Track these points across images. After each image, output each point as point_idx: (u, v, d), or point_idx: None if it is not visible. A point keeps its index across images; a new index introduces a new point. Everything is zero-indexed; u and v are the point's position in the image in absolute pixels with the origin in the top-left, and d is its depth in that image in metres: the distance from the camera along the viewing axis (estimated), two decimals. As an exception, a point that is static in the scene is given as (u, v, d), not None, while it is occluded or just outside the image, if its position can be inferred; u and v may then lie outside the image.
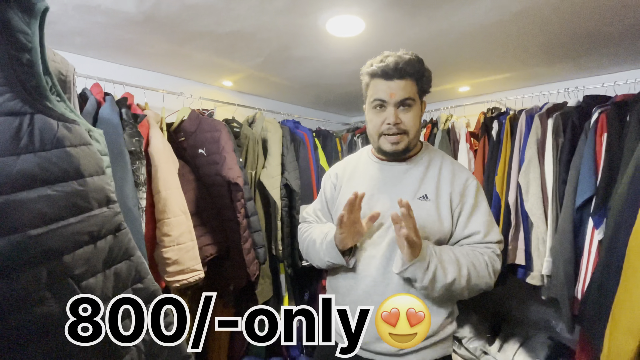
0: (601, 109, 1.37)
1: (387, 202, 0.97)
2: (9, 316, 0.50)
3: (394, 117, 0.91)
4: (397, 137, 0.93)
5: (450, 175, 0.96)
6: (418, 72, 0.92)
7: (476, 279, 0.87)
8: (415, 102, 0.93)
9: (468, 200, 0.94)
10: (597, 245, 1.26)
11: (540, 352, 1.81)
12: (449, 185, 0.94)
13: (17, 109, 0.53)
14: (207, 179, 1.64)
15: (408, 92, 0.91)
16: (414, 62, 0.90)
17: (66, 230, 0.55)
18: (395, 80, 0.90)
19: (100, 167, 0.62)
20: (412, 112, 0.93)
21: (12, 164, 0.51)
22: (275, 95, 2.49)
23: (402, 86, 0.90)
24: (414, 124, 0.93)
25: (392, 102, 0.91)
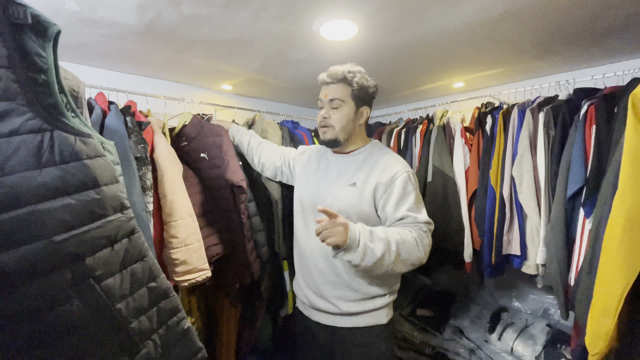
0: (590, 102, 1.41)
1: (327, 186, 1.26)
2: (39, 315, 0.56)
3: (325, 112, 1.23)
4: (325, 128, 1.24)
5: (381, 170, 1.17)
6: (351, 80, 1.18)
7: (406, 253, 1.03)
8: (345, 103, 1.20)
9: (395, 191, 1.14)
10: (588, 234, 1.30)
11: (539, 340, 1.86)
12: (377, 178, 1.16)
13: (38, 127, 0.58)
14: (210, 182, 1.70)
15: (338, 94, 1.19)
16: (345, 73, 1.18)
17: (86, 235, 0.60)
18: (329, 85, 1.22)
19: (114, 176, 0.67)
20: (342, 111, 1.20)
21: (36, 176, 0.56)
22: (273, 97, 2.54)
23: (333, 89, 1.20)
24: (340, 120, 1.20)
25: (325, 101, 1.22)
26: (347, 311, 1.20)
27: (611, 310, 0.67)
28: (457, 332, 2.09)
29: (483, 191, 1.70)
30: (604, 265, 0.73)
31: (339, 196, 1.20)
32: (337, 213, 1.01)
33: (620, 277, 0.66)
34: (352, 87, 1.19)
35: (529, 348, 1.82)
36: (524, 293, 2.15)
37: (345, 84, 1.19)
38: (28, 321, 0.55)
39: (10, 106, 0.55)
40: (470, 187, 1.79)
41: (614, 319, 0.67)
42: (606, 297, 0.69)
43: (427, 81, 2.15)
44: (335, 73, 1.19)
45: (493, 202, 1.64)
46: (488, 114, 1.79)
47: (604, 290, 0.71)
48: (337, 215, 0.99)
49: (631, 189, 0.64)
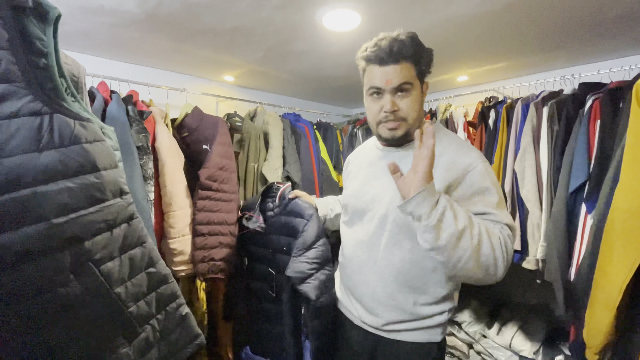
0: (595, 96, 1.39)
1: (378, 189, 0.96)
2: (38, 296, 0.57)
3: (391, 104, 0.87)
4: (395, 123, 0.90)
5: (449, 164, 0.87)
6: (415, 53, 0.87)
7: (488, 247, 0.72)
8: (413, 87, 0.88)
9: (474, 185, 0.84)
10: (589, 230, 1.29)
11: (538, 335, 1.86)
12: (445, 174, 0.86)
13: (38, 110, 0.58)
14: None
15: (405, 76, 0.86)
16: (409, 44, 0.85)
17: (85, 219, 0.61)
18: (391, 65, 0.86)
19: (114, 161, 0.68)
20: (411, 97, 0.88)
21: (35, 159, 0.56)
22: (275, 89, 2.53)
23: (398, 71, 0.86)
24: (413, 109, 0.89)
25: (389, 89, 0.87)
26: (397, 329, 0.95)
27: (610, 303, 0.67)
28: (455, 326, 2.10)
29: (484, 186, 1.69)
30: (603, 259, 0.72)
31: (397, 198, 0.82)
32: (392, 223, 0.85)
33: (619, 270, 0.65)
34: (419, 64, 0.89)
35: (528, 343, 1.82)
36: (524, 288, 2.15)
37: (409, 61, 0.87)
38: (28, 301, 0.55)
39: (10, 89, 0.55)
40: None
41: (613, 311, 0.67)
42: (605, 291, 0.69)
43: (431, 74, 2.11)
44: (394, 46, 0.85)
45: (494, 197, 1.63)
46: (491, 108, 1.77)
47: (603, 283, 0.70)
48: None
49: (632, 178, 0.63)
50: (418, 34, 0.92)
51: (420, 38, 0.92)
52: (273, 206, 1.38)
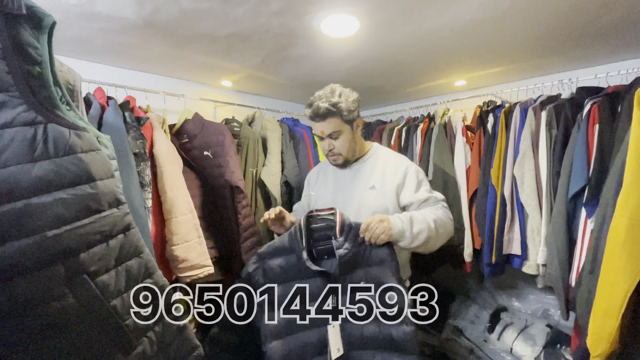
0: (593, 101, 1.39)
1: (346, 196, 1.30)
2: (32, 311, 0.55)
3: (327, 145, 1.25)
4: (334, 157, 1.28)
5: (393, 169, 1.27)
6: (336, 111, 1.19)
7: (442, 227, 1.13)
8: (342, 131, 1.23)
9: (412, 181, 1.24)
10: (590, 234, 1.29)
11: (539, 340, 1.85)
12: (392, 177, 1.25)
13: (32, 119, 0.57)
14: (212, 180, 1.70)
15: (332, 127, 1.21)
16: (329, 107, 1.17)
17: (81, 230, 0.59)
18: (319, 122, 1.21)
19: (110, 170, 0.66)
20: (341, 139, 1.24)
21: (29, 170, 0.55)
22: (274, 94, 2.52)
23: (326, 125, 1.21)
24: (344, 146, 1.25)
25: (324, 136, 1.24)
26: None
27: (614, 311, 0.66)
28: (456, 331, 2.08)
29: (484, 190, 1.69)
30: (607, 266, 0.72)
31: (364, 201, 1.25)
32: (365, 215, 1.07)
33: (624, 278, 0.65)
34: (341, 116, 1.21)
35: (529, 348, 1.81)
36: (524, 293, 2.14)
37: (333, 116, 1.20)
38: (21, 316, 0.54)
39: (3, 98, 0.54)
40: (471, 186, 1.77)
41: (617, 320, 0.66)
42: (609, 298, 0.68)
43: (429, 79, 2.13)
44: (320, 110, 1.18)
45: (494, 201, 1.63)
46: (490, 113, 1.77)
47: (607, 291, 0.70)
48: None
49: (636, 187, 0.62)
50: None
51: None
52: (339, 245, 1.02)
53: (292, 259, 1.03)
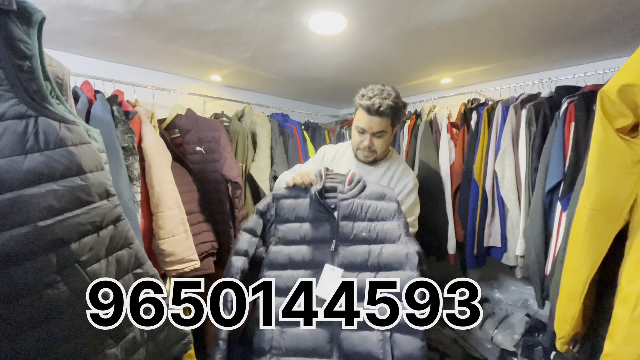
0: (570, 99, 1.45)
1: None
2: (24, 298, 0.57)
3: (369, 142, 1.26)
4: (369, 153, 1.30)
5: (397, 180, 1.35)
6: (393, 114, 1.22)
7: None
8: (387, 133, 1.27)
9: (401, 195, 1.31)
10: (565, 227, 1.36)
11: (518, 328, 1.93)
12: (394, 186, 1.32)
13: (23, 113, 0.58)
14: (204, 175, 1.72)
15: (382, 126, 1.23)
16: (391, 107, 1.19)
17: (72, 221, 0.61)
18: (375, 117, 1.20)
19: (100, 163, 0.68)
20: (383, 139, 1.27)
21: (20, 162, 0.57)
22: (263, 89, 2.54)
23: (378, 122, 1.22)
24: (383, 146, 1.29)
25: (369, 132, 1.24)
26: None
27: (576, 295, 0.72)
28: (440, 322, 2.15)
29: (467, 185, 1.75)
30: (570, 254, 0.77)
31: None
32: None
33: (584, 264, 0.70)
34: (394, 119, 1.25)
35: (508, 337, 1.89)
36: (505, 284, 2.23)
37: (389, 117, 1.22)
38: (15, 303, 0.55)
39: (-6, 92, 0.55)
40: (455, 181, 1.83)
41: (578, 303, 0.72)
42: (572, 284, 0.73)
43: (416, 76, 2.18)
44: (382, 107, 1.18)
45: (476, 196, 1.69)
46: (473, 110, 1.82)
47: (570, 277, 0.75)
48: None
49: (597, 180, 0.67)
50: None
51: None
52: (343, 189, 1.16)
53: (304, 201, 1.16)
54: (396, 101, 1.21)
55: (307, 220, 1.14)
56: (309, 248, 1.12)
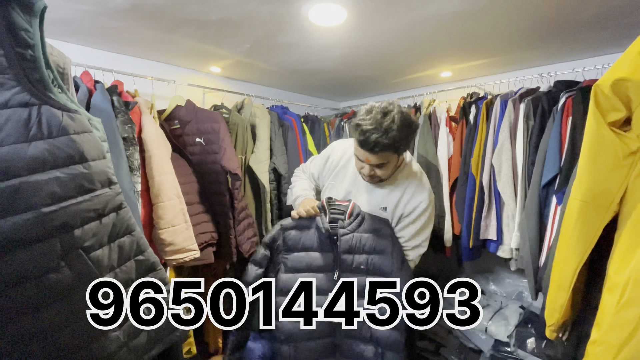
0: (568, 94, 1.46)
1: (358, 202, 1.26)
2: (31, 281, 0.59)
3: (368, 171, 1.13)
4: (371, 179, 1.18)
5: (409, 198, 1.22)
6: (395, 147, 1.03)
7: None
8: (390, 162, 1.11)
9: (410, 216, 1.22)
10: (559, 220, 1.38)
11: (512, 320, 1.97)
12: (403, 207, 1.23)
13: (26, 101, 0.59)
14: (204, 166, 1.73)
15: (382, 159, 1.08)
16: (390, 144, 1.00)
17: (75, 208, 0.63)
18: (369, 153, 1.05)
19: (102, 152, 0.69)
20: (386, 167, 1.12)
21: (24, 149, 0.58)
22: (263, 81, 2.53)
23: (376, 157, 1.06)
24: (387, 173, 1.16)
25: (368, 164, 1.11)
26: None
27: (565, 284, 0.74)
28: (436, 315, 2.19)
29: (464, 179, 1.76)
30: (561, 244, 0.79)
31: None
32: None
33: (574, 254, 0.72)
34: (399, 149, 1.07)
35: (502, 327, 1.92)
36: (500, 277, 2.26)
37: (387, 150, 1.04)
38: (21, 286, 0.57)
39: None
40: (452, 175, 1.85)
41: (567, 292, 0.74)
42: (562, 273, 0.76)
43: (416, 70, 2.18)
44: (377, 147, 1.01)
45: (473, 189, 1.71)
46: (472, 104, 1.83)
47: (560, 266, 0.77)
48: None
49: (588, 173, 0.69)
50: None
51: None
52: (343, 224, 1.22)
53: (308, 232, 1.24)
54: (397, 136, 1.00)
55: (313, 250, 1.23)
56: (315, 276, 1.20)
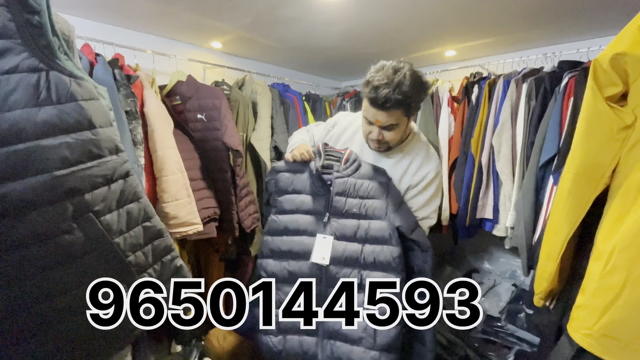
0: (571, 74, 1.46)
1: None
2: (45, 242, 0.62)
3: (377, 134, 1.09)
4: (379, 144, 1.14)
5: (416, 168, 1.18)
6: (406, 105, 1.00)
7: None
8: (399, 124, 1.07)
9: (418, 187, 1.19)
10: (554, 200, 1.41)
11: (504, 297, 2.03)
12: (410, 178, 1.19)
13: (35, 66, 0.60)
14: (206, 143, 1.74)
15: (392, 120, 1.04)
16: (402, 99, 0.97)
17: (85, 173, 0.65)
18: (381, 111, 1.01)
19: (109, 119, 0.71)
20: (395, 130, 1.08)
21: (35, 114, 0.60)
22: (264, 58, 2.50)
23: (386, 116, 1.02)
24: (395, 138, 1.11)
25: (377, 125, 1.07)
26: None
27: (554, 254, 0.78)
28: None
29: (464, 158, 1.78)
30: (552, 216, 0.82)
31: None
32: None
33: (564, 225, 0.75)
34: (407, 109, 1.02)
35: (494, 304, 2.00)
36: (495, 256, 2.32)
37: (398, 108, 1.00)
38: (36, 246, 0.60)
39: (7, 44, 0.57)
40: (452, 155, 1.87)
41: (555, 261, 0.78)
42: (552, 243, 0.79)
43: (420, 48, 2.15)
44: (388, 102, 0.97)
45: (472, 169, 1.73)
46: (475, 84, 1.83)
47: (551, 237, 0.81)
48: None
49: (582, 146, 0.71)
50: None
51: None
52: (338, 168, 1.20)
53: (301, 175, 1.22)
54: (409, 91, 0.97)
55: (304, 193, 1.20)
56: (303, 218, 1.17)
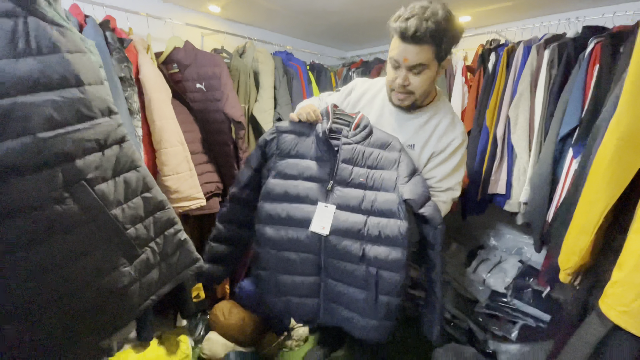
0: (597, 40, 1.36)
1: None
2: (34, 212, 0.56)
3: (403, 79, 1.00)
4: (404, 95, 1.05)
5: (441, 134, 1.11)
6: (438, 39, 0.92)
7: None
8: (428, 67, 0.98)
9: (443, 154, 1.11)
10: (573, 174, 1.34)
11: (510, 273, 2.02)
12: (435, 144, 1.11)
13: (10, 10, 0.52)
14: (206, 115, 1.65)
15: (421, 58, 0.95)
16: (434, 30, 0.89)
17: (74, 135, 0.58)
18: (411, 45, 0.93)
19: (99, 77, 0.63)
20: (423, 76, 1.00)
21: (12, 65, 0.52)
22: (266, 24, 2.35)
23: (415, 52, 0.94)
24: (422, 86, 1.02)
25: (405, 66, 0.98)
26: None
27: (589, 227, 0.72)
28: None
29: (477, 131, 1.70)
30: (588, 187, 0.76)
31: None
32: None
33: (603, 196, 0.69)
34: (439, 47, 0.95)
35: (500, 280, 1.98)
36: (501, 233, 2.28)
37: (430, 44, 0.93)
38: (24, 217, 0.54)
39: (-28, -19, 0.49)
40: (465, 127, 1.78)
41: (590, 235, 0.73)
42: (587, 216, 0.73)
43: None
44: (419, 31, 0.89)
45: (485, 142, 1.65)
46: (492, 51, 1.71)
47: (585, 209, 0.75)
48: None
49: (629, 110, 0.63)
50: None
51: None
52: (347, 134, 1.10)
53: (306, 138, 1.11)
54: (442, 23, 0.89)
55: (308, 157, 1.10)
56: (305, 184, 1.08)
